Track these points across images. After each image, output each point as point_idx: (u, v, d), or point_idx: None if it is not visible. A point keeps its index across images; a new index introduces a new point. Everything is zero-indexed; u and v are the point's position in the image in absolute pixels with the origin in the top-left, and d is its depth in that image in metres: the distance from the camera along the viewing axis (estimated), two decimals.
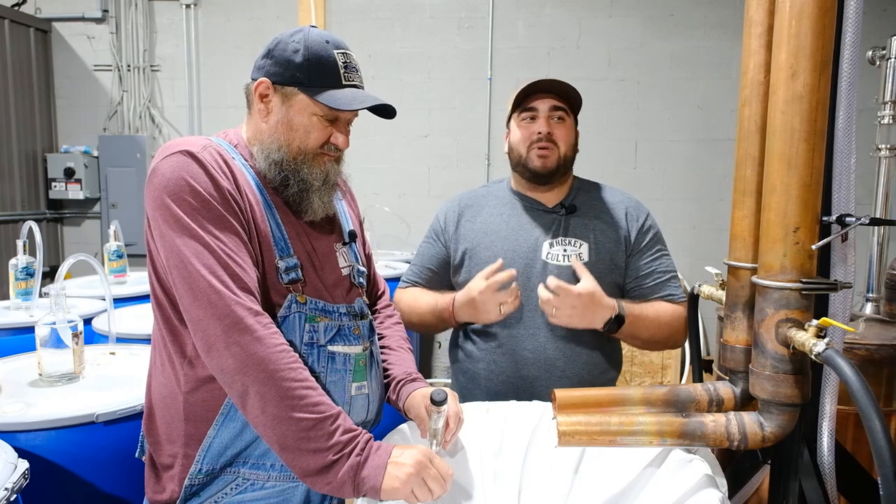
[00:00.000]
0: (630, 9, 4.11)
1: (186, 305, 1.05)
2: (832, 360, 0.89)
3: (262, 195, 1.17)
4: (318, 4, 4.26)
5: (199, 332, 1.04)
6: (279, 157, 1.17)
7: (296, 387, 1.02)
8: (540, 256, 1.58)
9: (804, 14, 0.96)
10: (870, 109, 2.08)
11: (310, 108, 1.16)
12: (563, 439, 1.10)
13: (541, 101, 1.58)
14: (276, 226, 1.17)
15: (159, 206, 1.07)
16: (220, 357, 1.03)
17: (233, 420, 1.13)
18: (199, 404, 1.13)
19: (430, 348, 4.43)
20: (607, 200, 1.65)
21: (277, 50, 1.17)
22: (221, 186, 1.09)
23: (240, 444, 1.14)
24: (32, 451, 1.37)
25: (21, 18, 4.34)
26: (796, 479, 1.16)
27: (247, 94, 1.22)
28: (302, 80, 1.15)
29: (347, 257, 1.31)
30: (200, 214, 1.07)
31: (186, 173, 1.08)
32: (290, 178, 1.18)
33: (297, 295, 1.16)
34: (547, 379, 1.53)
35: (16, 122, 4.29)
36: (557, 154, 1.57)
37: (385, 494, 1.01)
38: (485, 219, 1.66)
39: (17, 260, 2.29)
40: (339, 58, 1.17)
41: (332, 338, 1.19)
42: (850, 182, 1.11)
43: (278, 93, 1.17)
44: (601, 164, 4.11)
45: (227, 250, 1.06)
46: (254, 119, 1.21)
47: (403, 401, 1.28)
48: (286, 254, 1.16)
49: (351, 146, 1.27)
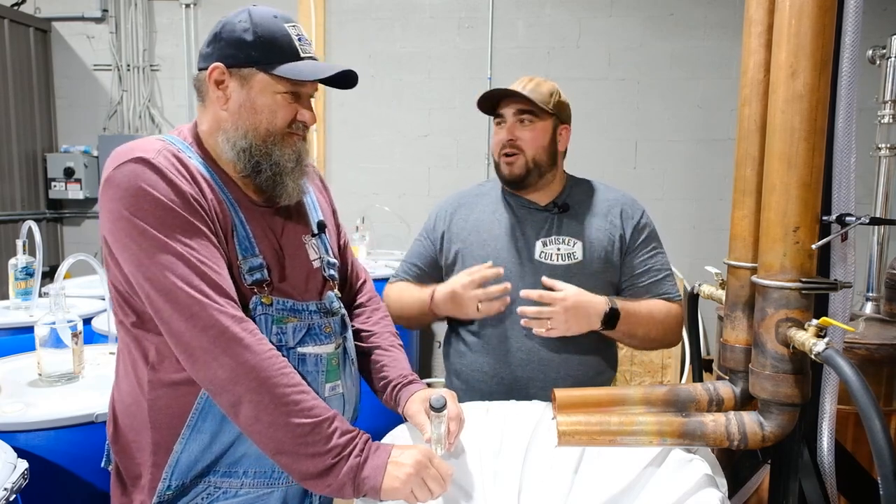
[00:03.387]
0: (630, 9, 4.11)
1: (165, 318, 1.01)
2: (832, 360, 0.89)
3: (224, 193, 1.13)
4: (317, 4, 4.26)
5: (181, 344, 1.01)
6: (247, 143, 1.12)
7: (289, 392, 1.01)
8: (533, 256, 1.57)
9: (804, 13, 0.96)
10: (870, 109, 2.08)
11: (271, 87, 1.11)
12: (563, 439, 1.10)
13: (506, 107, 1.57)
14: (240, 224, 1.12)
15: (118, 219, 1.02)
16: (209, 368, 1.00)
17: (200, 432, 1.09)
18: (164, 410, 1.10)
19: (430, 348, 4.43)
20: (601, 198, 1.64)
21: (225, 32, 1.12)
22: (183, 191, 1.04)
23: (209, 457, 1.11)
24: (32, 451, 1.37)
25: (21, 18, 4.33)
26: (796, 478, 1.16)
27: (198, 85, 1.16)
28: (258, 59, 1.10)
29: (318, 249, 1.26)
30: (165, 224, 1.02)
31: (144, 182, 1.02)
32: (261, 163, 1.13)
33: (263, 296, 1.11)
34: (542, 380, 1.53)
35: (16, 122, 4.29)
36: (524, 160, 1.55)
37: (385, 494, 1.01)
38: (478, 217, 1.65)
39: (16, 260, 2.29)
40: (291, 31, 1.13)
41: (302, 338, 1.16)
42: (849, 181, 1.11)
43: (234, 76, 1.11)
44: (601, 164, 4.11)
45: (199, 257, 1.02)
46: (210, 109, 1.15)
47: (402, 405, 1.27)
48: (250, 253, 1.12)
49: (351, 146, 1.26)
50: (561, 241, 1.57)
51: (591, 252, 1.57)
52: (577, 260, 1.56)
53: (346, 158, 4.37)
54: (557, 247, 1.57)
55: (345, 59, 4.25)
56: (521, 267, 1.57)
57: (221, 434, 1.10)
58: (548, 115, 1.56)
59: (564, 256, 1.56)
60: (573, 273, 1.54)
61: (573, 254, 1.56)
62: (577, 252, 1.56)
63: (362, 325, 1.39)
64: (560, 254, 1.56)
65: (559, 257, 1.56)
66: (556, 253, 1.57)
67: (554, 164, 1.60)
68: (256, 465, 1.13)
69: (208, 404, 1.08)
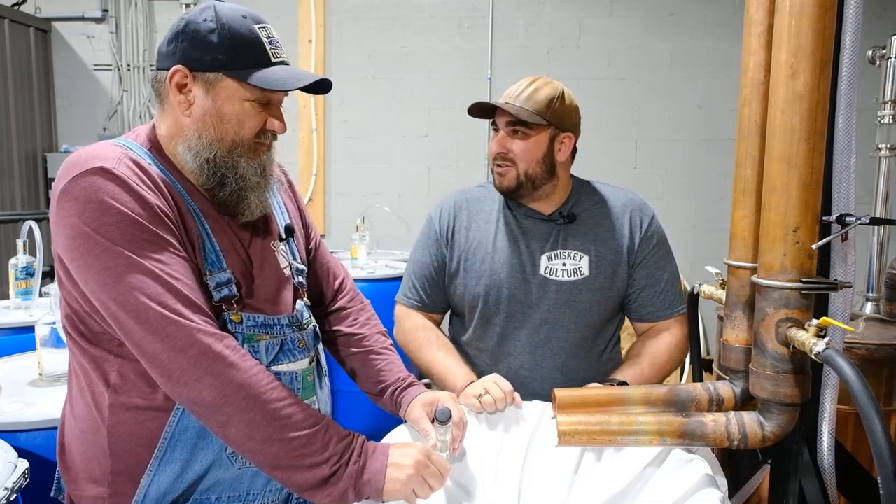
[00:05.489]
0: (630, 9, 4.11)
1: (137, 340, 0.94)
2: (832, 360, 0.89)
3: (189, 203, 1.05)
4: (318, 4, 4.26)
5: (159, 366, 0.94)
6: (211, 154, 1.04)
7: (281, 406, 0.97)
8: (538, 271, 1.50)
9: (804, 13, 0.96)
10: (870, 109, 2.08)
11: (240, 94, 1.03)
12: (563, 439, 1.10)
13: (499, 116, 1.49)
14: (206, 236, 1.05)
15: (78, 236, 0.94)
16: (192, 390, 0.94)
17: (170, 462, 1.03)
18: (126, 438, 1.02)
19: None
20: (610, 205, 1.56)
21: (188, 31, 1.01)
22: (148, 202, 0.96)
23: (180, 487, 1.05)
24: (32, 450, 1.37)
25: (21, 18, 4.33)
26: (796, 478, 1.16)
27: (156, 86, 1.06)
28: (225, 64, 1.01)
29: (287, 256, 1.19)
30: (132, 239, 0.94)
31: (105, 194, 0.94)
32: (227, 176, 1.05)
33: (232, 313, 1.04)
34: (545, 397, 1.51)
35: (16, 122, 4.28)
36: (515, 172, 1.47)
37: (387, 496, 1.01)
38: (479, 226, 1.57)
39: (17, 259, 2.28)
40: (262, 33, 1.03)
41: (276, 356, 1.10)
42: (850, 181, 1.11)
43: (198, 81, 1.02)
44: (601, 164, 4.10)
45: (171, 273, 0.95)
46: (170, 114, 1.06)
47: (404, 410, 1.25)
48: (217, 268, 1.04)
49: (351, 146, 1.24)
50: (567, 256, 1.51)
51: (598, 267, 1.51)
52: (584, 276, 1.50)
53: (346, 158, 4.37)
54: (563, 262, 1.51)
55: (345, 58, 4.25)
56: (526, 283, 1.51)
57: (194, 462, 1.05)
58: (543, 126, 1.46)
59: (570, 272, 1.50)
60: (579, 289, 1.50)
61: (580, 269, 1.50)
62: (584, 267, 1.51)
63: (350, 328, 1.34)
64: (566, 269, 1.50)
65: (565, 273, 1.50)
66: (562, 268, 1.50)
67: (552, 176, 1.51)
68: (230, 490, 1.09)
69: (178, 431, 1.03)
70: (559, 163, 1.51)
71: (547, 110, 1.45)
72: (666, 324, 1.56)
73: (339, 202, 4.41)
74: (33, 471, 1.18)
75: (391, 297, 1.68)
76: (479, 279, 1.53)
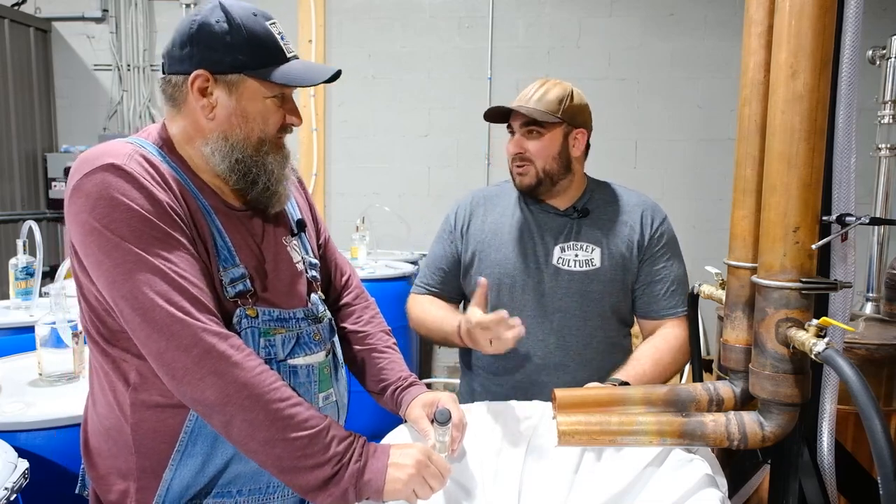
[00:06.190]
0: (630, 9, 4.11)
1: (143, 338, 0.95)
2: (832, 360, 0.89)
3: (199, 199, 1.06)
4: (318, 4, 4.26)
5: (163, 365, 0.95)
6: (241, 154, 1.06)
7: (283, 407, 0.97)
8: (551, 261, 1.57)
9: (804, 13, 0.96)
10: (870, 109, 2.08)
11: (261, 92, 1.05)
12: (563, 439, 1.10)
13: (514, 119, 1.58)
14: (217, 233, 1.06)
15: (90, 232, 0.95)
16: (196, 389, 0.94)
17: (191, 456, 1.05)
18: (150, 435, 1.04)
19: (430, 348, 4.42)
20: (622, 203, 1.63)
21: (203, 34, 1.02)
22: (158, 199, 0.97)
23: (202, 480, 1.06)
24: (32, 450, 1.37)
25: (21, 18, 4.33)
26: (796, 478, 1.16)
27: (170, 90, 1.07)
28: (247, 64, 1.02)
29: (299, 250, 1.21)
30: (141, 236, 0.95)
31: (116, 191, 0.95)
32: (259, 175, 1.08)
33: (247, 308, 1.06)
34: (558, 384, 1.52)
35: (16, 122, 4.29)
36: (534, 170, 1.56)
37: (388, 496, 1.01)
38: (495, 219, 1.65)
39: (17, 259, 2.29)
40: (273, 29, 1.06)
41: (292, 349, 1.11)
42: (850, 181, 1.11)
43: (220, 83, 1.03)
44: (601, 164, 4.09)
45: (178, 271, 0.96)
46: (187, 117, 1.07)
47: (404, 409, 1.26)
48: (230, 263, 1.06)
49: (351, 146, 1.25)
50: (579, 248, 1.57)
51: (609, 259, 1.57)
52: (595, 267, 1.56)
53: (346, 158, 4.37)
54: (576, 253, 1.57)
55: (345, 58, 4.25)
56: (539, 272, 1.57)
57: (214, 456, 1.06)
58: (556, 124, 1.54)
59: (582, 263, 1.56)
60: (590, 279, 1.56)
61: (591, 260, 1.56)
62: (596, 259, 1.57)
63: (354, 325, 1.35)
64: (578, 260, 1.56)
65: (577, 263, 1.56)
66: (574, 259, 1.57)
67: (568, 171, 1.59)
68: (251, 483, 1.10)
69: (198, 426, 1.04)
70: (574, 158, 1.60)
71: (558, 109, 1.54)
72: (671, 325, 1.59)
73: (339, 202, 4.41)
74: (33, 471, 1.18)
75: (391, 297, 1.71)
76: (494, 268, 1.59)
